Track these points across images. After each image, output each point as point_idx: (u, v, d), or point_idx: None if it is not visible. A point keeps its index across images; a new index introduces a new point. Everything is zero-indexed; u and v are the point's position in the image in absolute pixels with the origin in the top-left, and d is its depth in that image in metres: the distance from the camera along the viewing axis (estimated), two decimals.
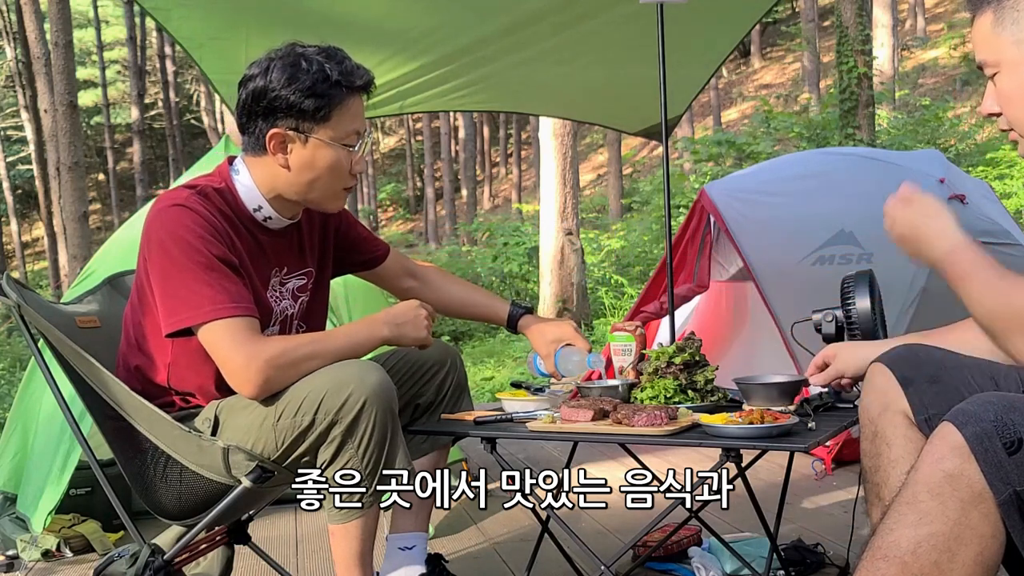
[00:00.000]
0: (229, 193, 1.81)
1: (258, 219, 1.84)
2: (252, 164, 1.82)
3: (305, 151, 1.77)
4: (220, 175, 1.84)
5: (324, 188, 1.81)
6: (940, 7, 24.32)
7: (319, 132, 1.76)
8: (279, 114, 1.74)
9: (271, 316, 1.86)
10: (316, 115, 1.74)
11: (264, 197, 1.82)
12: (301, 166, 1.78)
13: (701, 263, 4.19)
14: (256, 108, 1.76)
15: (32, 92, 15.14)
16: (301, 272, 1.93)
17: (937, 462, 1.17)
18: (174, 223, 1.71)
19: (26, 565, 2.75)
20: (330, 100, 1.74)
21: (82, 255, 8.91)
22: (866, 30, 10.67)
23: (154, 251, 1.72)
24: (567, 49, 3.85)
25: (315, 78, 1.73)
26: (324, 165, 1.78)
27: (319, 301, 2.00)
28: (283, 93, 1.73)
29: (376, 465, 1.67)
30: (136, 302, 1.83)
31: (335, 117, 1.76)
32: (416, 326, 1.83)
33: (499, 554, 2.70)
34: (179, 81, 27.97)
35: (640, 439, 1.74)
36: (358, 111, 1.80)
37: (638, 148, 23.96)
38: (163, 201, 1.76)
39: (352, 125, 1.78)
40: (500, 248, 13.19)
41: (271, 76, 1.73)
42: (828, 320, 2.04)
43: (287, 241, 1.91)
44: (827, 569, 2.35)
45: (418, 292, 2.13)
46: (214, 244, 1.71)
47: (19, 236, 23.34)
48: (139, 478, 1.83)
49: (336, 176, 1.80)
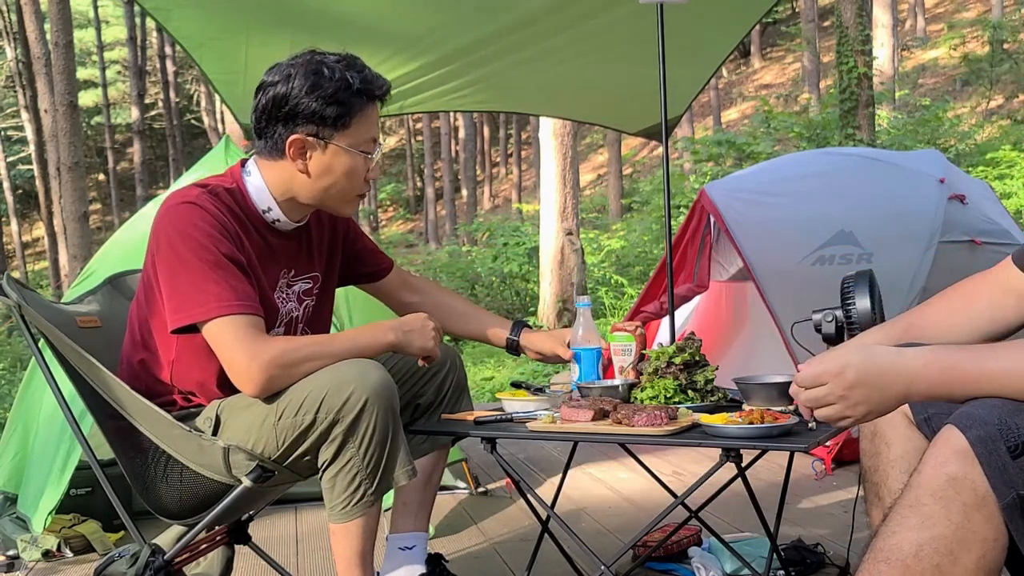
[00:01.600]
0: (239, 193, 1.83)
1: (267, 220, 1.85)
2: (266, 167, 1.84)
3: (324, 157, 1.80)
4: (232, 176, 1.86)
5: (340, 193, 1.85)
6: (940, 7, 24.32)
7: (339, 139, 1.79)
8: (300, 120, 1.77)
9: (277, 317, 1.86)
10: (337, 122, 1.77)
11: (275, 199, 1.84)
12: (320, 172, 1.80)
13: (701, 263, 4.19)
14: (276, 114, 1.78)
15: (32, 92, 15.14)
16: (308, 276, 1.95)
17: (940, 465, 1.17)
18: (183, 220, 1.72)
19: (26, 565, 2.75)
20: (351, 108, 1.78)
21: (82, 255, 8.91)
22: (866, 30, 10.67)
23: (163, 247, 1.73)
24: (567, 49, 3.85)
25: (337, 86, 1.76)
26: (342, 171, 1.81)
27: (324, 307, 2.01)
28: (305, 100, 1.75)
29: (377, 464, 1.67)
30: (143, 299, 1.83)
31: (354, 124, 1.79)
32: (423, 336, 1.84)
33: (499, 554, 2.70)
34: (179, 81, 27.97)
35: (640, 439, 1.74)
36: (375, 119, 1.84)
37: (638, 148, 23.96)
38: (173, 199, 1.77)
39: (370, 132, 1.82)
40: (500, 248, 13.19)
41: (293, 83, 1.76)
42: (828, 320, 2.03)
43: (296, 244, 1.92)
44: (827, 569, 2.35)
45: (418, 307, 2.13)
46: (223, 242, 1.72)
47: (19, 236, 23.35)
48: (140, 478, 1.83)
49: (352, 182, 1.84)
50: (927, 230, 3.65)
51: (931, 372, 1.24)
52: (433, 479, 2.08)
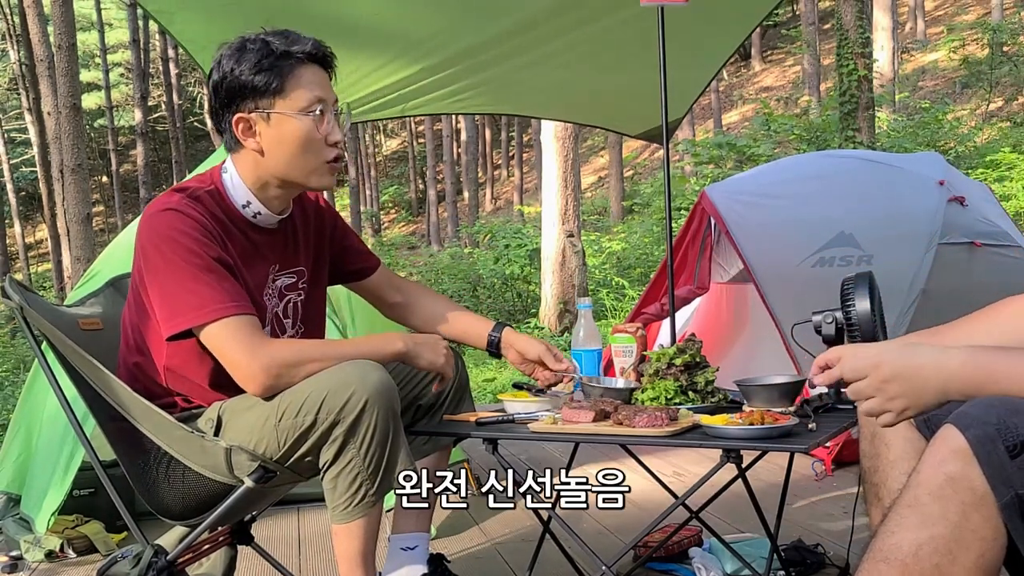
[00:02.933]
0: (218, 194, 1.82)
1: (248, 217, 1.84)
2: (236, 161, 1.84)
3: (271, 129, 1.78)
4: (210, 178, 1.86)
5: (303, 164, 1.80)
6: (940, 10, 24.33)
7: (278, 106, 1.76)
8: (236, 99, 1.77)
9: (266, 317, 1.86)
10: (269, 89, 1.75)
11: (251, 191, 1.83)
12: (272, 145, 1.78)
13: (702, 265, 4.20)
14: (219, 102, 1.79)
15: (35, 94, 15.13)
16: (292, 270, 1.93)
17: (939, 465, 1.17)
18: (168, 227, 1.72)
19: (30, 566, 2.76)
20: (280, 72, 1.76)
21: (85, 257, 8.93)
22: (866, 33, 10.68)
23: (150, 256, 1.73)
24: (569, 52, 3.85)
25: (260, 55, 1.75)
26: (293, 138, 1.78)
27: (314, 302, 1.99)
28: (233, 78, 1.76)
29: (378, 465, 1.67)
30: (133, 304, 1.84)
31: (289, 88, 1.76)
32: (435, 351, 1.84)
33: (501, 554, 2.70)
34: (182, 84, 27.98)
35: (641, 440, 1.75)
36: (315, 80, 1.79)
37: (639, 150, 23.97)
38: (155, 207, 1.77)
39: (311, 93, 1.77)
40: (502, 250, 13.18)
41: (222, 66, 1.77)
42: (828, 322, 2.04)
43: (280, 239, 1.91)
44: (827, 569, 2.35)
45: (403, 308, 2.13)
46: (210, 246, 1.72)
47: (23, 238, 23.38)
48: (142, 479, 1.84)
49: (310, 148, 1.79)
50: (927, 232, 3.66)
51: (967, 371, 1.25)
52: None
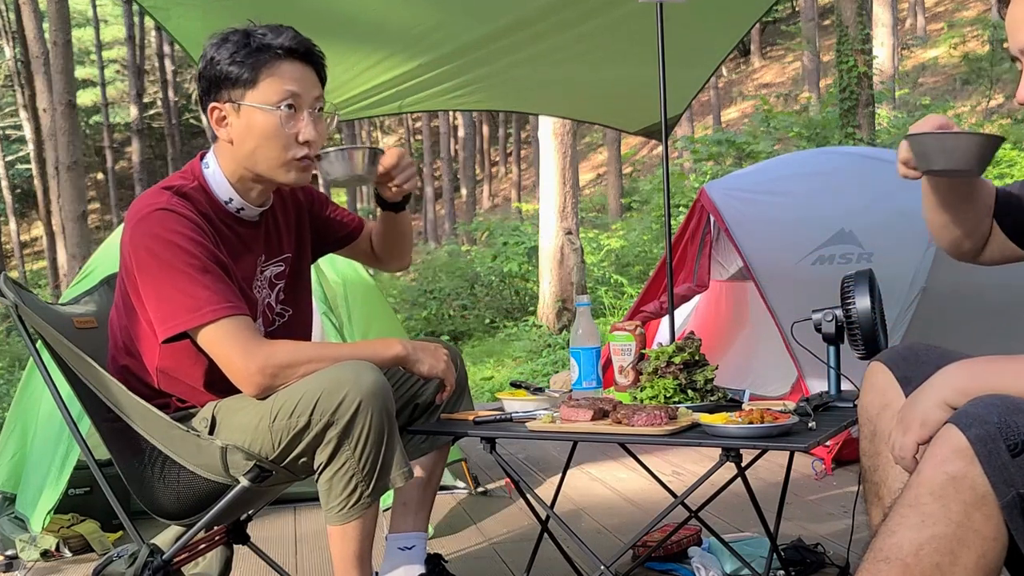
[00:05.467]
0: (202, 190, 1.80)
1: (232, 211, 1.83)
2: (216, 152, 1.83)
3: (240, 120, 1.76)
4: (192, 173, 1.83)
5: (267, 157, 1.77)
6: (940, 6, 24.32)
7: (248, 97, 1.75)
8: (213, 90, 1.77)
9: (257, 310, 1.86)
10: (241, 80, 1.75)
11: (232, 186, 1.81)
12: (240, 136, 1.77)
13: (701, 262, 4.19)
14: (201, 90, 1.80)
15: (31, 91, 15.12)
16: (279, 259, 1.93)
17: (940, 464, 1.16)
18: (160, 227, 1.69)
19: (25, 565, 2.75)
20: (255, 64, 1.75)
21: (81, 254, 8.93)
22: (866, 29, 10.67)
23: (142, 258, 1.70)
24: (567, 49, 3.84)
25: (237, 47, 1.75)
26: (259, 131, 1.76)
27: (301, 285, 1.99)
28: (212, 68, 1.76)
29: (373, 466, 1.66)
30: (121, 306, 1.82)
31: (263, 81, 1.75)
32: (435, 357, 1.83)
33: (498, 554, 2.70)
34: (178, 80, 27.96)
35: (640, 439, 1.74)
36: (293, 75, 1.77)
37: (638, 147, 23.96)
38: (144, 206, 1.73)
39: (284, 87, 1.75)
40: (500, 247, 13.18)
41: (205, 58, 1.78)
42: (828, 319, 2.04)
43: (264, 230, 1.90)
44: (827, 569, 2.35)
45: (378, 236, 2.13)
46: (203, 245, 1.70)
47: (18, 235, 23.35)
48: (137, 478, 1.83)
49: (276, 142, 1.76)
50: (927, 230, 3.64)
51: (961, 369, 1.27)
52: (433, 479, 2.08)
